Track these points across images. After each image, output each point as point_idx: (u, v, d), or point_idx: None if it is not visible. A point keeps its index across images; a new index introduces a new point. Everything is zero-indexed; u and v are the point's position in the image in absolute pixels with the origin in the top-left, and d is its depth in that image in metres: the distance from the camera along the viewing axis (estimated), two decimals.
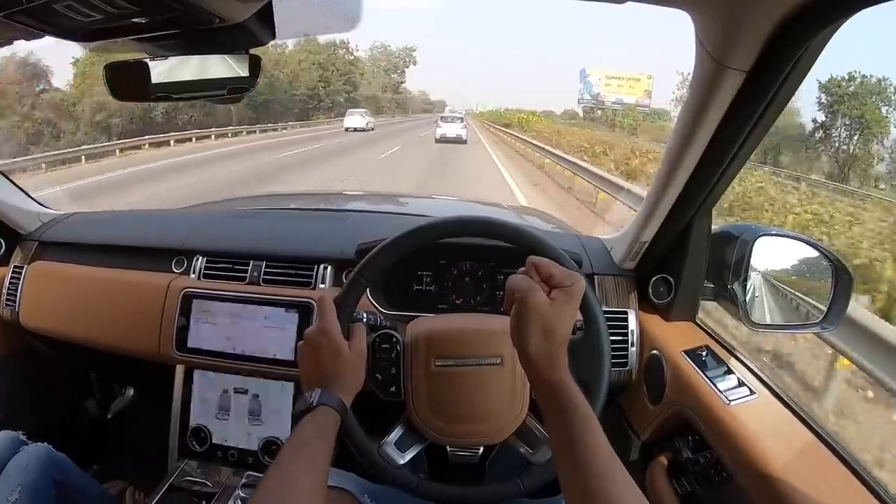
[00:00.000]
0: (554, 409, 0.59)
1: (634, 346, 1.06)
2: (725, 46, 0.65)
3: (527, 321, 0.59)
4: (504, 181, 10.72)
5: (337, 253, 1.17)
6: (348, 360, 0.73)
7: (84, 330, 1.28)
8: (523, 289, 0.60)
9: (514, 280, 0.62)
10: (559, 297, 0.60)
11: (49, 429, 1.17)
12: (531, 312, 0.59)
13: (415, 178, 10.76)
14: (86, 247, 1.35)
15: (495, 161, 14.93)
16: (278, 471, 0.60)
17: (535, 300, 0.59)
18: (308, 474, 0.60)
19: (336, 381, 0.72)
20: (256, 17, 0.71)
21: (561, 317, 0.60)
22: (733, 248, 0.95)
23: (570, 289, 0.60)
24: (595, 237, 1.30)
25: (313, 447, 0.64)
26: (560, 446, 0.58)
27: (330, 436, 0.66)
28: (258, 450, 1.17)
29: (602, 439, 0.56)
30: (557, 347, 0.60)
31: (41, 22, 0.69)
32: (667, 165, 0.87)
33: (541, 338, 0.59)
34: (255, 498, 0.58)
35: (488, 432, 0.83)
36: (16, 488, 0.93)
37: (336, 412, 0.68)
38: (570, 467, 0.55)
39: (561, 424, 0.58)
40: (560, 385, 0.59)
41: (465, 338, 0.85)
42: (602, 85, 32.81)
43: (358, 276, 0.79)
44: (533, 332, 0.59)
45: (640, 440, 1.04)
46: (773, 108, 0.71)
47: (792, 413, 0.82)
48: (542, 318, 0.59)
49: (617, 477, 0.53)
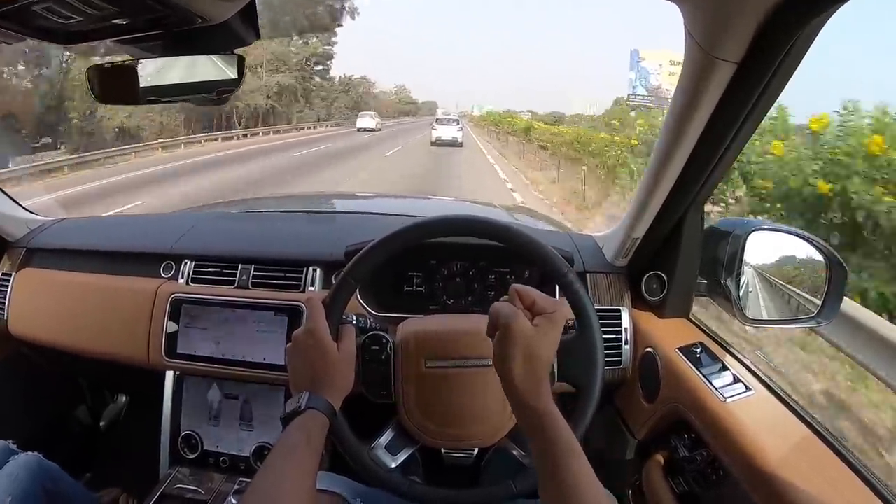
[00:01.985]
0: (537, 437, 0.60)
1: (628, 344, 1.05)
2: (715, 38, 0.64)
3: (510, 347, 0.60)
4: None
5: (326, 255, 1.16)
6: (337, 362, 0.72)
7: (73, 337, 1.27)
8: (507, 315, 0.61)
9: (498, 307, 0.63)
10: (542, 324, 0.61)
11: (40, 437, 1.17)
12: (514, 338, 0.60)
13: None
14: (74, 253, 1.34)
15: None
16: (267, 475, 0.59)
17: (518, 326, 0.60)
18: (296, 478, 0.60)
19: (324, 384, 0.71)
20: (239, 16, 0.71)
21: (544, 343, 0.61)
22: (726, 244, 0.94)
23: (553, 315, 0.62)
24: (587, 235, 1.29)
25: (301, 451, 0.63)
26: (544, 473, 0.59)
27: (318, 439, 0.66)
28: (250, 456, 1.16)
29: (586, 468, 0.57)
30: (541, 373, 0.61)
31: (21, 25, 0.68)
32: (657, 160, 0.86)
33: (524, 363, 0.60)
34: (244, 501, 0.58)
35: (480, 435, 0.83)
36: (6, 499, 0.92)
37: (324, 415, 0.68)
38: (554, 495, 0.57)
39: (545, 453, 0.59)
40: (543, 413, 0.60)
41: (456, 339, 0.84)
42: (664, 74, 21.72)
43: (347, 276, 0.78)
44: (516, 357, 0.60)
45: (635, 439, 1.03)
46: (764, 100, 0.70)
47: (788, 409, 0.82)
48: (525, 344, 0.60)
49: (600, 498, 0.55)
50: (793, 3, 0.56)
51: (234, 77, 0.80)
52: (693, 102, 0.73)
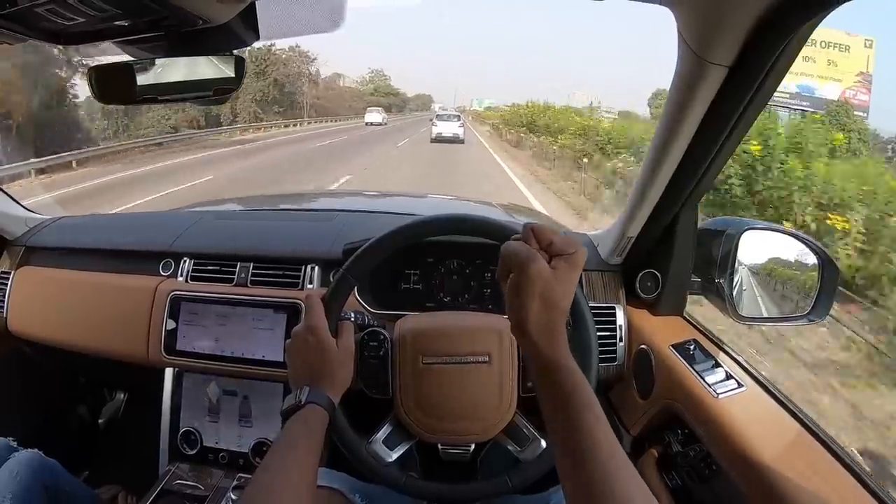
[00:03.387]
0: (553, 392, 0.54)
1: (623, 341, 1.06)
2: (707, 42, 0.65)
3: (526, 291, 0.54)
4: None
5: (324, 253, 1.17)
6: (336, 357, 0.73)
7: (72, 335, 1.27)
8: (522, 256, 0.54)
9: (511, 247, 0.56)
10: (560, 266, 0.55)
11: (39, 435, 1.17)
12: (531, 282, 0.54)
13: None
14: (73, 251, 1.34)
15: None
16: (268, 469, 0.60)
17: (535, 268, 0.54)
18: (296, 472, 0.60)
19: (324, 379, 0.72)
20: (240, 18, 0.71)
21: (563, 287, 0.55)
22: (720, 243, 0.95)
23: (572, 257, 0.56)
24: (581, 233, 1.30)
25: (302, 446, 0.64)
26: (560, 433, 0.53)
27: (318, 433, 0.66)
28: (249, 451, 1.17)
29: (605, 424, 0.52)
30: (558, 323, 0.55)
31: (22, 26, 0.69)
32: (651, 160, 0.87)
33: (541, 310, 0.54)
34: (245, 495, 0.58)
35: (476, 430, 0.84)
36: (6, 496, 0.92)
37: (324, 410, 0.69)
38: (571, 455, 0.51)
39: (561, 409, 0.53)
40: (560, 365, 0.54)
41: (453, 335, 0.85)
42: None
43: (345, 274, 0.79)
44: (533, 303, 0.54)
45: (630, 435, 1.04)
46: (756, 103, 0.71)
47: (779, 404, 0.83)
48: (543, 288, 0.54)
49: (620, 464, 0.50)
50: (784, 8, 0.57)
51: (232, 76, 0.81)
52: (686, 105, 0.74)
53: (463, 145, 19.94)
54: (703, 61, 0.67)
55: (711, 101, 0.72)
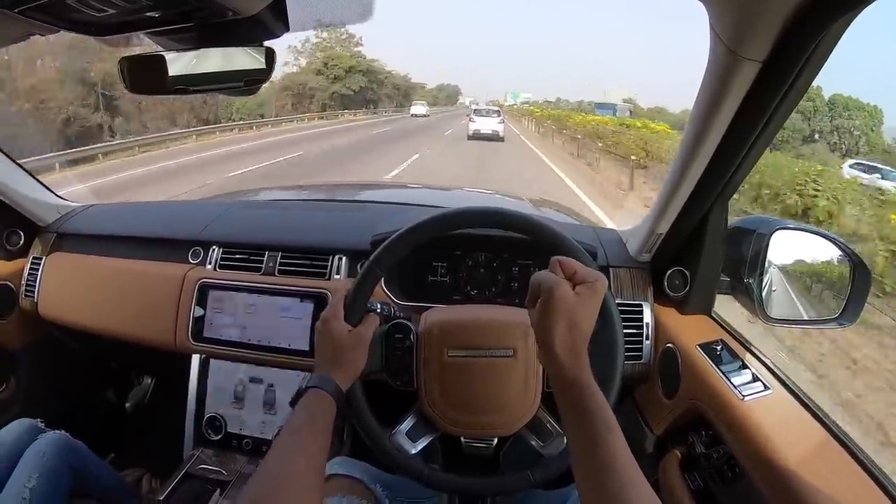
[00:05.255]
0: (575, 411, 0.58)
1: (649, 339, 1.05)
2: (740, 36, 0.64)
3: (552, 314, 0.59)
4: None
5: (352, 244, 1.18)
6: (345, 343, 0.74)
7: (101, 320, 1.30)
8: (549, 282, 0.60)
9: (540, 275, 0.62)
10: (584, 292, 0.60)
11: (66, 417, 1.20)
12: (557, 305, 0.59)
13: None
14: (103, 238, 1.37)
15: None
16: (274, 454, 0.61)
17: (560, 292, 0.59)
18: (302, 457, 0.61)
19: (331, 365, 0.73)
20: (269, 9, 0.71)
21: (585, 311, 0.60)
22: (750, 242, 0.94)
23: (594, 284, 0.61)
24: (611, 229, 1.29)
25: (305, 431, 0.64)
26: (580, 450, 0.57)
27: (322, 419, 0.67)
28: (273, 439, 1.18)
29: (623, 443, 0.55)
30: (581, 343, 0.60)
31: (55, 17, 0.70)
32: (682, 157, 0.86)
33: (566, 332, 0.59)
34: (253, 479, 0.59)
35: (499, 424, 0.84)
36: (33, 474, 0.95)
37: (328, 393, 0.69)
38: (590, 471, 0.55)
39: (581, 427, 0.57)
40: (582, 385, 0.58)
41: (479, 329, 0.85)
42: None
43: (373, 265, 0.79)
44: (558, 325, 0.59)
45: (653, 434, 1.03)
46: (789, 99, 0.69)
47: (805, 409, 0.82)
48: (567, 311, 0.59)
49: (636, 483, 0.52)
50: (819, 3, 0.56)
51: (263, 67, 0.81)
52: (717, 100, 0.73)
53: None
54: (735, 56, 0.65)
55: (743, 96, 0.71)
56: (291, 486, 0.57)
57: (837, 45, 0.63)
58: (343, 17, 0.83)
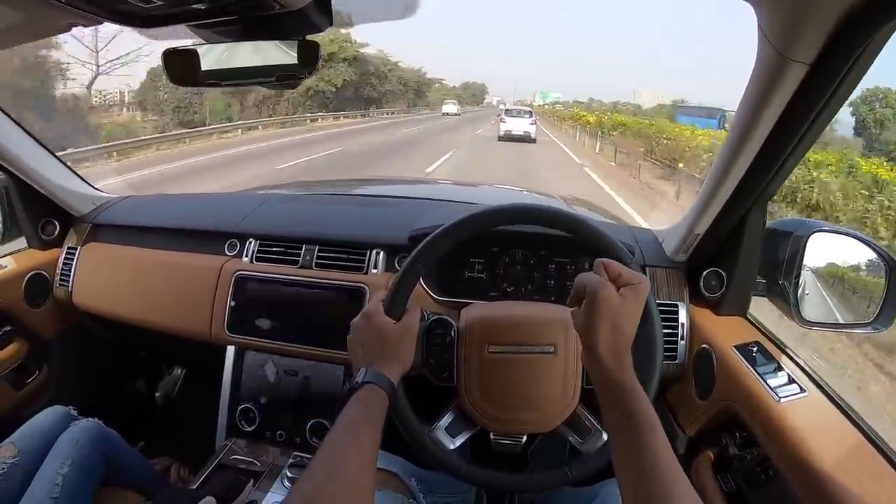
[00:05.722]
0: (619, 412, 0.58)
1: (684, 340, 1.05)
2: (788, 38, 0.63)
3: (597, 315, 0.60)
4: None
5: (389, 239, 1.18)
6: (393, 336, 0.74)
7: (136, 310, 1.31)
8: (594, 284, 0.61)
9: (584, 277, 0.63)
10: (627, 294, 0.61)
11: (98, 405, 1.21)
12: (601, 307, 0.59)
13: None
14: (139, 229, 1.38)
15: None
16: (326, 450, 0.60)
17: (605, 294, 0.60)
18: (355, 453, 0.60)
19: (382, 359, 0.72)
20: (315, 3, 0.71)
21: (629, 313, 0.61)
22: (787, 244, 0.94)
23: (637, 286, 0.62)
24: (647, 229, 1.29)
25: (359, 426, 0.64)
26: (622, 451, 0.57)
27: (376, 414, 0.66)
28: (307, 431, 1.19)
29: (665, 444, 0.55)
30: (625, 345, 0.61)
31: (100, 8, 0.69)
32: (724, 157, 0.86)
33: (609, 333, 0.60)
34: (305, 476, 0.58)
35: (538, 420, 0.84)
36: (66, 461, 0.96)
37: (383, 390, 0.69)
38: (633, 472, 0.55)
39: (625, 429, 0.57)
40: (626, 387, 0.59)
41: (520, 325, 0.85)
42: None
43: (415, 260, 0.79)
44: (602, 326, 0.59)
45: (685, 435, 1.03)
46: (834, 102, 0.69)
47: (841, 412, 0.82)
48: (611, 312, 0.60)
49: (679, 483, 0.53)
50: (867, 8, 0.56)
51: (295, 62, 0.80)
52: (763, 101, 0.73)
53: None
54: (783, 58, 0.65)
55: (789, 98, 0.71)
56: (344, 480, 0.57)
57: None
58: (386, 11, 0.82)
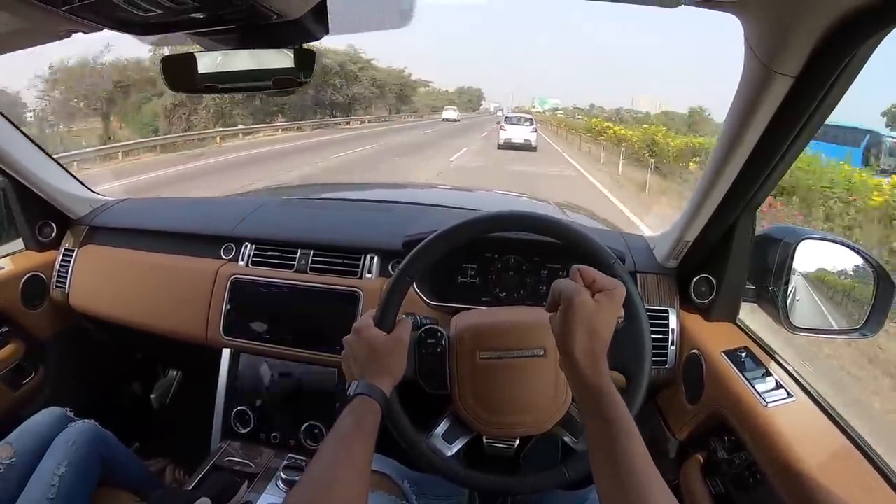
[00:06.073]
0: (596, 416, 0.59)
1: (674, 345, 1.06)
2: (774, 51, 0.65)
3: (572, 322, 0.60)
4: None
5: (384, 244, 1.19)
6: (384, 348, 0.75)
7: (132, 313, 1.32)
8: (569, 290, 0.61)
9: (560, 283, 0.63)
10: (602, 300, 0.62)
11: (94, 406, 1.22)
12: (576, 312, 0.60)
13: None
14: (135, 232, 1.39)
15: None
16: (320, 461, 0.61)
17: (580, 300, 0.60)
18: (348, 464, 0.61)
19: (373, 371, 0.73)
20: (312, 13, 0.72)
21: (604, 318, 0.61)
22: (776, 251, 0.95)
23: (613, 292, 0.62)
24: (639, 235, 1.30)
25: (352, 438, 0.64)
26: (600, 455, 0.58)
27: (370, 423, 0.67)
28: (301, 434, 1.20)
29: (642, 450, 0.56)
30: (600, 351, 0.61)
31: (100, 16, 0.70)
32: (713, 166, 0.87)
33: (585, 338, 0.60)
34: (299, 487, 0.59)
35: (533, 422, 0.85)
36: (63, 462, 0.97)
37: (375, 401, 0.69)
38: (610, 477, 0.56)
39: (602, 434, 0.58)
40: (602, 391, 0.59)
41: (509, 331, 0.86)
42: None
43: (402, 274, 0.79)
44: (578, 332, 0.60)
45: (675, 439, 1.04)
46: (819, 113, 0.71)
47: (828, 417, 0.83)
48: (586, 318, 0.60)
49: (654, 488, 0.53)
50: (853, 20, 0.57)
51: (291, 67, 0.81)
52: (749, 113, 0.74)
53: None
54: (768, 70, 0.67)
55: (775, 110, 0.72)
56: (337, 491, 0.58)
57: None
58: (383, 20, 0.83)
